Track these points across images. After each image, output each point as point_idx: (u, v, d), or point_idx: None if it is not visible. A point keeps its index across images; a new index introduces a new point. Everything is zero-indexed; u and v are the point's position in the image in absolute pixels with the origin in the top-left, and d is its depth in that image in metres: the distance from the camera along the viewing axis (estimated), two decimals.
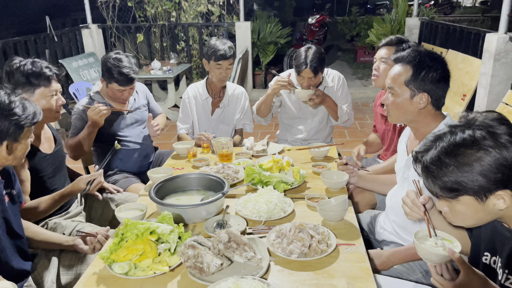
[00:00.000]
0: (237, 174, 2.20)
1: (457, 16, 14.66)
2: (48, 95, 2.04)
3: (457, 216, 1.21)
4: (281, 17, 9.75)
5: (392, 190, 1.95)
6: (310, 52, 2.70)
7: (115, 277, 1.44)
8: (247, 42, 6.81)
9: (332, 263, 1.48)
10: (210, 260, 1.41)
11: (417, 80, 1.66)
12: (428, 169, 1.17)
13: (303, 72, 2.72)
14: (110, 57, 2.50)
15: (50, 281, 1.76)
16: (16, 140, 1.52)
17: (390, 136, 2.58)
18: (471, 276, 1.16)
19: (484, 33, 4.65)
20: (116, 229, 1.58)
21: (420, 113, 1.71)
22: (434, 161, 1.15)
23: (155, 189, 1.90)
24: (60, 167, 2.28)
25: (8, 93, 1.50)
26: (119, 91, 2.56)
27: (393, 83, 1.73)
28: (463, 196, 1.14)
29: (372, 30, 7.84)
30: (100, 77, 6.66)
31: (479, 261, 1.33)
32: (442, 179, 1.14)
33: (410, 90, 1.68)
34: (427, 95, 1.67)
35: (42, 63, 2.03)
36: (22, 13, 10.53)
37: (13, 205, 1.67)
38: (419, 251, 1.28)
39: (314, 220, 1.75)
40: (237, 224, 1.75)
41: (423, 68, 1.66)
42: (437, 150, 1.15)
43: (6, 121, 1.47)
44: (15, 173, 1.73)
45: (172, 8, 6.90)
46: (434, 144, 1.17)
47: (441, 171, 1.13)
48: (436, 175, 1.15)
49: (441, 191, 1.17)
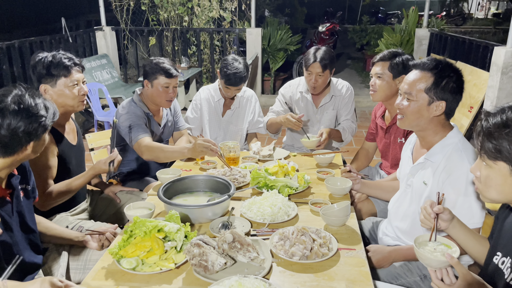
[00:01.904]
0: (243, 178, 2.26)
1: (469, 28, 14.64)
2: (70, 85, 2.09)
3: (486, 182, 1.26)
4: (292, 24, 9.84)
5: (395, 196, 2.00)
6: (320, 50, 2.80)
7: (123, 272, 1.50)
8: (258, 48, 6.89)
9: (332, 266, 1.53)
10: (214, 259, 1.46)
11: (437, 88, 1.70)
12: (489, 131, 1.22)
13: (311, 66, 2.77)
14: (152, 59, 2.57)
15: (60, 275, 1.82)
16: (39, 139, 1.56)
17: (391, 148, 2.58)
18: (469, 280, 1.20)
19: (493, 46, 4.67)
20: (125, 226, 1.64)
21: (432, 120, 1.74)
22: (498, 124, 1.20)
23: (163, 189, 1.96)
24: (82, 160, 2.35)
25: (30, 94, 1.54)
26: (165, 87, 2.53)
27: (410, 88, 1.75)
28: (500, 162, 1.20)
29: (382, 39, 7.88)
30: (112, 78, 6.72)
31: (489, 261, 1.37)
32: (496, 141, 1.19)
33: (429, 97, 1.72)
34: (445, 103, 1.71)
35: (62, 54, 2.10)
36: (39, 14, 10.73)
37: (28, 200, 1.74)
38: (419, 256, 1.31)
39: (316, 225, 1.80)
40: (241, 226, 1.80)
41: (444, 77, 1.70)
42: (504, 118, 1.20)
43: (35, 123, 1.51)
44: (31, 170, 1.80)
45: (185, 13, 7.00)
46: (501, 111, 1.23)
47: (500, 134, 1.19)
48: (494, 136, 1.20)
49: (487, 150, 1.22)
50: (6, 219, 1.59)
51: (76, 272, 1.88)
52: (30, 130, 1.50)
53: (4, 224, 1.58)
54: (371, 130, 2.81)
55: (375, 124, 2.75)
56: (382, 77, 2.44)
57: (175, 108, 2.92)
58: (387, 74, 2.43)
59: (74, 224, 2.14)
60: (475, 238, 1.50)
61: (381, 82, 2.45)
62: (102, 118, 5.23)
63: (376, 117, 2.72)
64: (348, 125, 3.00)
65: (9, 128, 1.45)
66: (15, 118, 1.46)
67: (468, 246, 1.50)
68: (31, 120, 1.50)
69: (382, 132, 2.64)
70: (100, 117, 5.24)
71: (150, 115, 2.65)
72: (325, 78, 2.84)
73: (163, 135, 2.80)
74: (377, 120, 2.70)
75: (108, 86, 6.01)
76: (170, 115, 2.85)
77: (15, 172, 1.66)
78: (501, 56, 4.33)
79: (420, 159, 1.81)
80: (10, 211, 1.61)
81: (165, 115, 2.79)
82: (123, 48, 7.35)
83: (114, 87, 6.26)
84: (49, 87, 2.08)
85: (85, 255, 1.89)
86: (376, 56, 2.51)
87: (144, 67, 2.59)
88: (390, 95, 2.47)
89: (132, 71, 8.21)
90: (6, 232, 1.59)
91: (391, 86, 2.43)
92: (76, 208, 2.30)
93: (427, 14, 7.24)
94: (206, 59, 7.35)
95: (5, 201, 1.59)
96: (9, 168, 1.57)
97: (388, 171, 2.66)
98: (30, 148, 1.54)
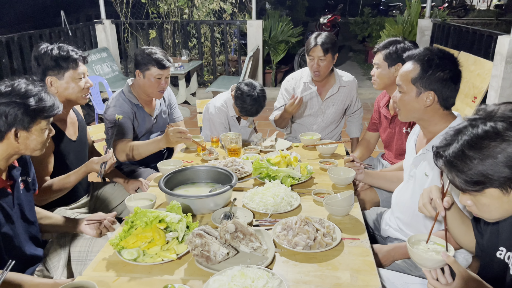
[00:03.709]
0: (245, 169, 2.23)
1: (471, 19, 14.52)
2: (77, 78, 2.09)
3: (483, 209, 1.19)
4: (293, 16, 9.75)
5: (398, 187, 1.97)
6: (322, 34, 2.79)
7: (124, 263, 1.48)
8: (259, 40, 6.84)
9: (336, 256, 1.51)
10: (216, 249, 1.44)
11: (423, 78, 1.67)
12: (451, 164, 1.16)
13: (312, 50, 2.76)
14: (144, 49, 2.50)
15: (61, 267, 1.81)
16: (26, 129, 1.51)
17: (395, 138, 2.56)
18: (467, 279, 1.17)
19: (497, 35, 4.61)
20: (126, 217, 1.62)
21: (426, 111, 1.71)
22: (457, 155, 1.14)
23: (164, 180, 1.94)
24: (83, 155, 2.31)
25: (28, 83, 1.52)
26: (157, 78, 2.48)
27: (401, 80, 1.75)
28: (489, 189, 1.13)
29: (384, 31, 7.81)
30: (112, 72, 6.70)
31: (493, 257, 1.33)
32: (467, 173, 1.13)
33: (416, 88, 1.69)
34: (434, 93, 1.67)
35: (68, 47, 2.09)
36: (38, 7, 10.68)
37: (27, 192, 1.72)
38: (413, 256, 1.28)
39: (320, 215, 1.78)
40: (244, 216, 1.78)
41: (430, 67, 1.66)
42: (459, 144, 1.14)
43: (16, 108, 1.46)
44: (31, 161, 1.78)
45: (185, 5, 6.96)
46: (455, 138, 1.16)
47: (466, 164, 1.12)
48: (460, 169, 1.14)
49: (466, 185, 1.15)
50: (8, 211, 1.57)
51: (78, 263, 1.86)
52: (8, 114, 1.45)
53: (6, 216, 1.56)
54: (374, 120, 2.78)
55: (378, 114, 2.71)
56: (379, 66, 2.48)
57: (169, 99, 2.86)
58: (382, 63, 2.46)
59: (72, 217, 2.12)
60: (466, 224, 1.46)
61: (379, 71, 2.48)
62: (102, 112, 5.19)
63: (379, 106, 2.68)
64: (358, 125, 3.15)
65: None
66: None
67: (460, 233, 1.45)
68: (13, 105, 1.45)
69: (386, 122, 2.61)
70: (100, 111, 5.21)
71: (140, 106, 2.60)
72: (328, 63, 2.80)
73: (156, 126, 2.74)
74: (381, 110, 2.66)
75: (109, 79, 5.99)
76: (164, 106, 2.79)
77: (16, 164, 1.64)
78: (505, 45, 4.28)
79: (422, 149, 1.78)
80: (11, 203, 1.60)
81: (158, 106, 2.73)
82: (123, 41, 7.31)
83: (114, 80, 6.23)
84: (55, 79, 2.06)
85: (86, 246, 1.88)
86: (376, 46, 2.53)
87: (135, 56, 2.53)
88: (389, 84, 2.47)
89: (132, 65, 8.16)
90: (8, 224, 1.57)
91: (388, 74, 2.45)
92: (77, 202, 2.28)
93: (430, 4, 7.17)
94: (206, 52, 7.32)
95: (6, 193, 1.57)
96: (6, 159, 1.54)
97: (391, 161, 2.64)
98: (12, 137, 1.49)
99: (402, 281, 1.65)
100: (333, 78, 2.97)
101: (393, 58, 2.41)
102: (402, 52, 2.32)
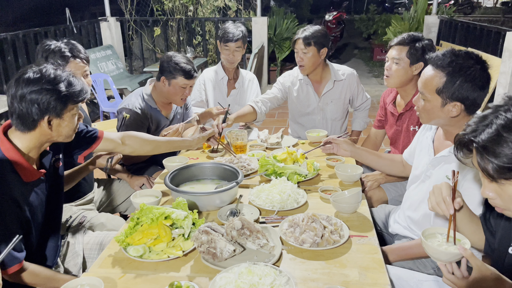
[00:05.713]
0: (251, 165, 2.21)
1: (477, 16, 14.40)
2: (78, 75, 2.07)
3: (510, 200, 1.13)
4: (298, 13, 9.73)
5: (412, 185, 1.90)
6: (308, 28, 2.75)
7: (129, 260, 1.47)
8: (263, 37, 6.81)
9: (344, 254, 1.49)
10: (223, 246, 1.42)
11: (449, 89, 1.55)
12: (486, 148, 1.10)
13: (296, 43, 2.74)
14: (171, 56, 2.46)
15: (79, 264, 1.81)
16: (58, 115, 1.47)
17: (402, 136, 2.48)
18: (484, 272, 1.15)
19: (505, 31, 4.57)
20: (132, 214, 1.60)
21: (451, 119, 1.63)
22: (492, 139, 1.09)
23: (170, 176, 1.92)
24: None
25: (55, 68, 1.48)
26: (182, 87, 2.47)
27: (424, 88, 1.64)
28: None
29: (390, 27, 7.77)
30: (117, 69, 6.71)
31: (505, 252, 1.29)
32: (502, 158, 1.07)
33: (441, 99, 1.58)
34: (460, 104, 1.56)
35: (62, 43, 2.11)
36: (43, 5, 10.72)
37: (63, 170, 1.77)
38: (427, 250, 1.24)
39: (327, 212, 1.75)
40: (250, 213, 1.77)
41: (458, 77, 1.54)
42: (493, 128, 1.09)
43: (48, 95, 1.42)
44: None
45: (190, 2, 6.94)
46: (485, 124, 1.12)
47: (502, 148, 1.07)
48: (497, 153, 1.08)
49: (500, 171, 1.09)
50: (41, 198, 1.58)
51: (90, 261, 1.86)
52: (40, 102, 1.41)
53: (40, 203, 1.57)
54: (380, 117, 2.72)
55: (384, 111, 2.66)
56: (399, 62, 2.29)
57: (186, 100, 2.85)
58: (404, 59, 2.28)
59: (77, 214, 2.12)
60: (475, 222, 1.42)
61: (397, 68, 2.30)
62: (107, 109, 5.20)
63: (386, 103, 2.61)
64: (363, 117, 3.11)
65: (22, 98, 1.40)
66: (27, 88, 1.40)
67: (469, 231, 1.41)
68: (44, 92, 1.41)
69: (393, 119, 2.54)
70: (105, 108, 5.21)
71: (158, 110, 2.57)
72: (312, 57, 2.72)
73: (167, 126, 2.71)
74: (387, 107, 2.59)
75: (114, 77, 5.98)
76: (179, 108, 2.79)
77: (47, 149, 1.61)
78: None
79: (444, 151, 1.69)
80: (44, 189, 1.59)
81: (174, 108, 2.72)
82: (128, 38, 7.31)
83: (119, 78, 6.23)
84: None
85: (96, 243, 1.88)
86: (394, 39, 2.35)
87: (162, 62, 2.48)
88: (405, 82, 2.34)
89: (137, 62, 8.16)
90: (39, 211, 1.57)
91: (407, 73, 2.30)
92: (82, 199, 2.28)
93: (437, 1, 7.11)
94: (211, 49, 7.30)
95: (40, 180, 1.56)
96: (38, 147, 1.52)
97: None
98: (45, 124, 1.45)
99: (415, 279, 1.62)
100: (329, 74, 2.89)
101: (418, 56, 2.25)
102: (424, 51, 2.21)
